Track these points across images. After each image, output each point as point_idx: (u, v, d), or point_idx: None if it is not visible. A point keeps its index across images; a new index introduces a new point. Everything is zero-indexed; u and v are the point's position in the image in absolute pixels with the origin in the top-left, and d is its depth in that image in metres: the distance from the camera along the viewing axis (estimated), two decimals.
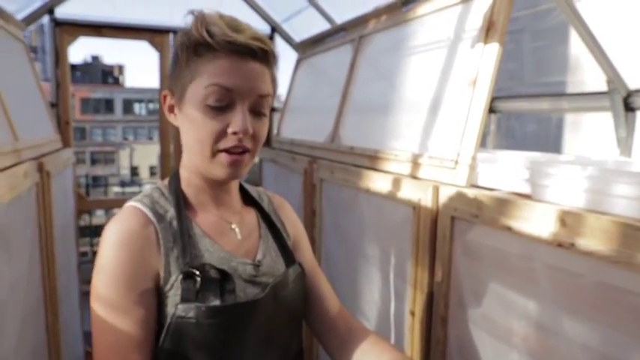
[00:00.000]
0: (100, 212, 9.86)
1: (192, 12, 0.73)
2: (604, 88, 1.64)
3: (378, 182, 1.45)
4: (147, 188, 0.80)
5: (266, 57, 0.74)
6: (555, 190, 0.95)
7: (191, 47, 0.72)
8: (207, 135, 0.72)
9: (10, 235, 1.28)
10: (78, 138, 29.46)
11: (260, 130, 0.75)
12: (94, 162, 29.52)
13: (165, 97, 0.79)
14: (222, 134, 0.72)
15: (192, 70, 0.73)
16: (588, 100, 1.75)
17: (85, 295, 2.70)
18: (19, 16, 2.47)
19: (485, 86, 1.20)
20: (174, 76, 0.76)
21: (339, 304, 0.92)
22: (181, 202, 0.77)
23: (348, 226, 1.68)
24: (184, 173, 0.80)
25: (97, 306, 0.69)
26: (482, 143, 2.14)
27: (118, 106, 32.48)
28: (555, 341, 0.90)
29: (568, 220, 0.85)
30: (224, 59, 0.71)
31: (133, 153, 29.71)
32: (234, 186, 0.85)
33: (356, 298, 1.61)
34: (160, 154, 2.98)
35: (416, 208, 1.24)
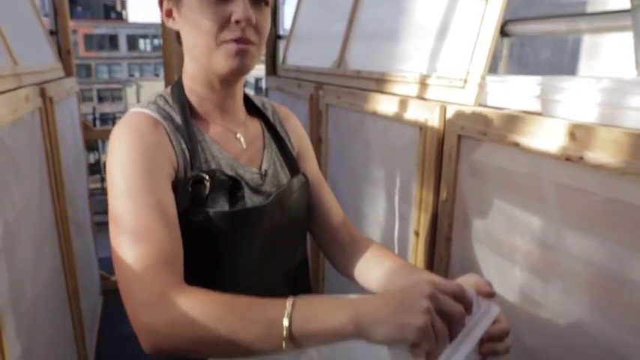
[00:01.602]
0: None
1: None
2: (627, 6, 1.55)
3: (384, 105, 1.42)
4: (149, 97, 0.78)
5: None
6: (567, 106, 0.92)
7: None
8: (210, 24, 0.69)
9: (16, 158, 1.28)
10: (84, 75, 29.13)
11: (263, 21, 0.73)
12: (100, 99, 29.38)
13: (161, 1, 0.76)
14: (224, 24, 0.70)
15: None
16: (608, 19, 1.66)
17: (98, 226, 2.77)
18: None
19: (497, 1, 1.13)
20: None
21: (343, 215, 0.92)
22: (187, 109, 0.75)
23: (353, 152, 1.67)
24: (187, 82, 0.78)
25: (114, 227, 0.64)
26: (494, 69, 2.07)
27: (123, 43, 31.83)
28: (557, 257, 0.90)
29: (578, 133, 0.83)
30: None
31: (139, 90, 29.45)
32: (239, 93, 0.83)
33: (361, 223, 1.63)
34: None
35: (422, 128, 1.22)
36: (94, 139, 2.70)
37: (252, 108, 0.88)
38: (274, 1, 0.76)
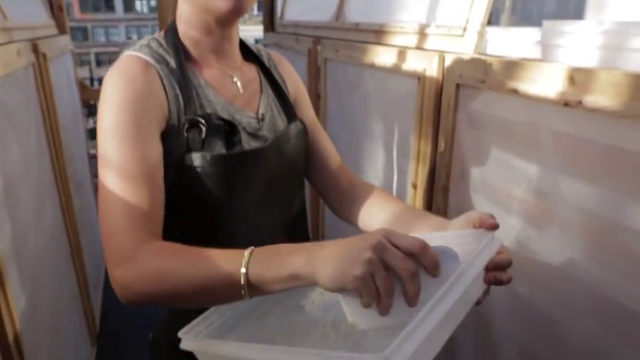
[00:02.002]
0: None
1: None
2: None
3: (382, 56, 1.39)
4: (142, 40, 0.76)
5: None
6: (568, 50, 0.90)
7: None
8: None
9: (11, 113, 1.28)
10: (80, 39, 28.62)
11: None
12: (98, 63, 28.96)
13: None
14: None
15: None
16: None
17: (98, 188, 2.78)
18: None
19: None
20: None
21: (340, 161, 0.92)
22: (181, 53, 0.74)
23: (353, 106, 1.65)
24: (181, 25, 0.76)
25: (102, 168, 0.65)
26: (496, 22, 2.02)
27: (119, 4, 31.10)
28: (553, 205, 0.90)
29: (577, 77, 0.81)
30: None
31: None
32: (235, 36, 0.81)
33: (360, 176, 1.63)
34: None
35: (421, 79, 1.20)
36: (93, 100, 2.67)
37: (248, 53, 0.86)
38: None
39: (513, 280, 0.98)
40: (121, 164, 0.64)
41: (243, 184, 0.73)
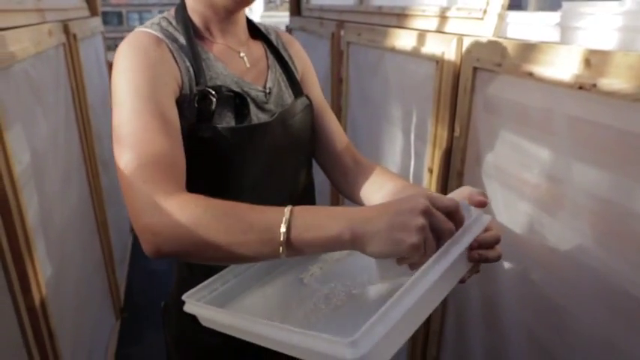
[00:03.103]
0: None
1: None
2: None
3: (403, 40, 1.38)
4: (153, 19, 0.78)
5: None
6: (586, 33, 0.88)
7: None
8: None
9: (41, 90, 1.33)
10: (115, 23, 29.16)
11: None
12: None
13: None
14: None
15: None
16: None
17: None
18: None
19: None
20: None
21: (347, 141, 0.93)
22: (190, 30, 0.76)
23: (372, 89, 1.65)
24: (190, 3, 0.78)
25: (117, 144, 0.63)
26: (524, 6, 1.97)
27: None
28: (565, 190, 0.89)
29: (593, 59, 0.80)
30: None
31: None
32: (242, 18, 0.83)
33: (378, 160, 1.63)
34: None
35: (439, 62, 1.19)
36: None
37: (255, 31, 0.88)
38: None
39: (524, 265, 0.98)
40: (139, 122, 0.62)
41: (250, 156, 0.75)
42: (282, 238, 0.54)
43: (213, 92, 0.71)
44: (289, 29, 2.71)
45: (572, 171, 0.88)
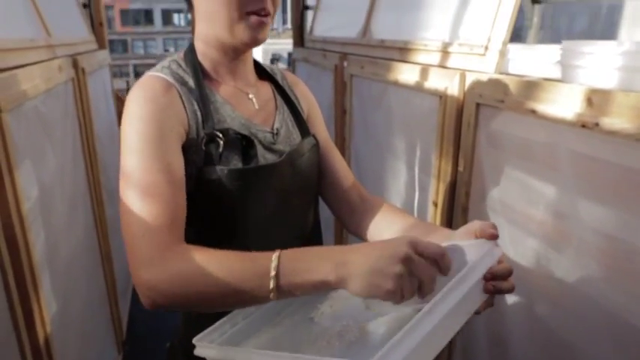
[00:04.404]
0: None
1: None
2: None
3: (406, 74, 1.41)
4: (163, 62, 0.81)
5: None
6: (587, 71, 0.90)
7: None
8: None
9: (51, 125, 1.35)
10: (121, 51, 29.70)
11: None
12: (137, 74, 29.87)
13: None
14: None
15: None
16: None
17: None
18: None
19: None
20: None
21: (352, 178, 0.94)
22: (199, 72, 0.78)
23: (376, 122, 1.67)
24: (200, 45, 0.80)
25: (124, 183, 0.66)
26: (524, 38, 2.01)
27: (158, 17, 32.14)
28: (571, 226, 0.90)
29: (595, 98, 0.81)
30: None
31: None
32: (250, 58, 0.85)
33: (382, 193, 1.64)
34: None
35: (442, 97, 1.21)
36: None
37: (262, 72, 0.90)
38: None
39: (531, 300, 0.98)
40: (146, 173, 0.65)
41: (258, 198, 0.76)
42: (271, 286, 0.57)
43: (221, 135, 0.73)
44: (292, 60, 2.76)
45: (577, 207, 0.88)
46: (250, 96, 0.83)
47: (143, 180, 0.65)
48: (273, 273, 0.57)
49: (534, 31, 1.94)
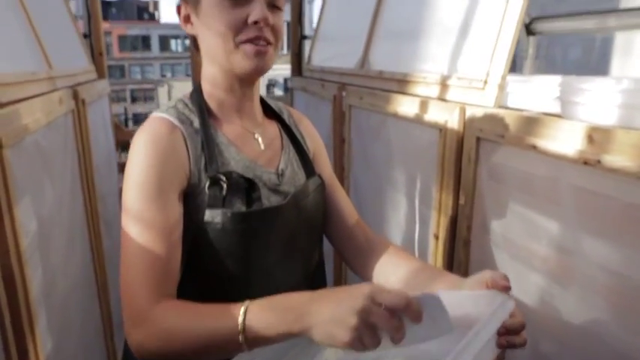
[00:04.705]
0: None
1: None
2: None
3: (405, 106, 1.42)
4: (169, 102, 0.81)
5: None
6: (586, 108, 0.91)
7: None
8: (229, 25, 0.73)
9: (50, 158, 1.34)
10: (118, 76, 29.95)
11: (279, 22, 0.76)
12: (133, 99, 30.10)
13: (179, 8, 0.79)
14: (242, 25, 0.73)
15: None
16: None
17: None
18: None
19: (518, 0, 1.12)
20: None
21: (357, 217, 0.93)
22: (205, 113, 0.78)
23: (375, 153, 1.67)
24: (206, 85, 0.81)
25: (125, 218, 0.71)
26: (519, 69, 2.03)
27: (155, 43, 32.55)
28: (575, 262, 0.89)
29: (596, 136, 0.82)
30: None
31: (171, 90, 30.04)
32: (256, 95, 0.85)
33: (382, 224, 1.63)
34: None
35: (442, 130, 1.22)
36: (126, 140, 2.80)
37: (268, 110, 0.90)
38: (299, 2, 0.79)
39: (535, 338, 0.96)
40: (143, 222, 0.69)
41: (263, 241, 0.75)
42: (241, 340, 0.61)
43: (224, 178, 0.73)
44: (290, 89, 2.79)
45: (581, 243, 0.88)
46: (256, 136, 0.83)
47: (140, 230, 0.69)
48: (240, 328, 0.60)
49: (530, 61, 1.97)
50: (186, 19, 0.78)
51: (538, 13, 1.91)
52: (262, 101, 0.89)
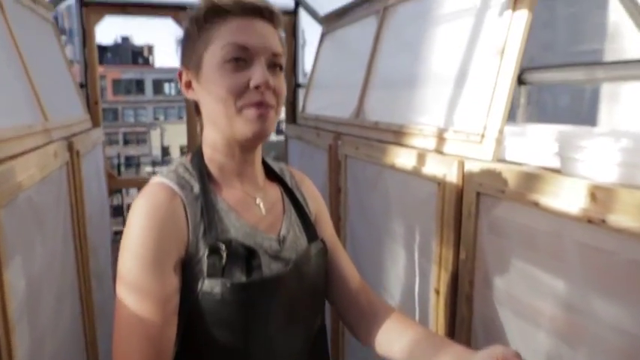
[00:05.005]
0: (133, 191, 10.15)
1: None
2: None
3: (402, 158, 1.42)
4: (170, 165, 0.80)
5: (273, 17, 0.76)
6: (587, 164, 0.91)
7: (201, 18, 0.74)
8: (230, 90, 0.72)
9: (43, 215, 1.32)
10: (111, 119, 30.15)
11: (280, 85, 0.76)
12: (126, 142, 30.19)
13: (180, 74, 0.79)
14: (244, 89, 0.72)
15: (206, 38, 0.74)
16: (627, 68, 1.66)
17: None
18: None
19: (513, 56, 1.15)
20: (187, 51, 0.77)
21: (360, 280, 0.91)
22: (206, 177, 0.77)
23: (372, 204, 1.66)
24: (207, 150, 0.80)
25: (120, 286, 0.69)
26: (512, 117, 2.06)
27: (149, 87, 33.01)
28: (583, 321, 0.87)
29: (599, 194, 0.81)
30: (235, 20, 0.73)
31: (163, 133, 30.25)
32: (258, 158, 0.84)
33: (380, 276, 1.61)
34: (188, 132, 3.00)
35: (441, 184, 1.21)
36: (119, 189, 2.79)
37: (270, 173, 0.89)
38: (293, 51, 0.80)
39: None
40: (138, 292, 0.67)
41: (263, 311, 0.73)
42: None
43: (223, 247, 0.71)
44: (285, 136, 2.80)
45: (589, 302, 0.86)
46: (257, 200, 0.82)
47: (135, 301, 0.67)
48: None
49: (522, 109, 2.00)
50: (188, 85, 0.78)
51: (527, 64, 1.96)
52: (264, 163, 0.89)
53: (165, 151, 29.97)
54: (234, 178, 0.80)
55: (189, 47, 0.76)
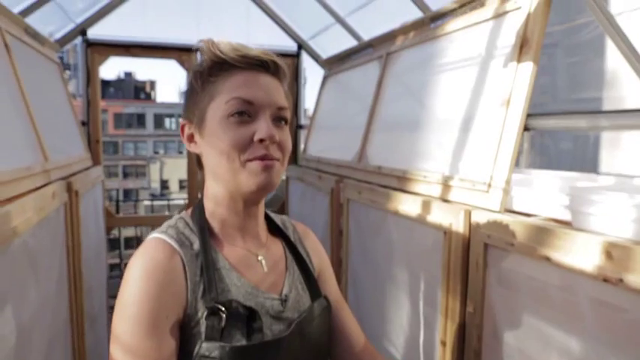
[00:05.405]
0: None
1: (201, 40, 0.74)
2: None
3: (406, 204, 1.40)
4: (171, 220, 0.77)
5: (278, 71, 0.75)
6: (599, 219, 0.89)
7: (205, 72, 0.73)
8: (234, 144, 0.70)
9: (38, 258, 1.28)
10: (111, 152, 30.28)
11: (285, 139, 0.74)
12: (125, 175, 30.20)
13: (183, 127, 0.77)
14: (248, 143, 0.70)
15: (210, 92, 0.73)
16: (629, 117, 1.66)
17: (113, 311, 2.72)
18: (56, 36, 2.55)
19: (519, 106, 1.15)
20: (191, 104, 0.75)
21: (364, 338, 0.87)
22: (207, 234, 0.74)
23: (375, 249, 1.63)
24: (209, 204, 0.77)
25: (115, 348, 0.66)
26: (515, 162, 2.06)
27: (150, 121, 33.30)
28: None
29: (614, 252, 0.79)
30: (239, 74, 0.72)
31: (163, 167, 30.31)
32: (261, 212, 0.81)
33: (384, 325, 1.56)
34: (188, 168, 2.99)
35: (447, 233, 1.19)
36: (116, 226, 2.75)
37: (273, 227, 0.86)
38: (295, 93, 0.78)
39: None
40: (132, 357, 0.64)
41: None
42: None
43: (223, 308, 0.68)
44: (287, 178, 2.79)
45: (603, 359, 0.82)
46: (259, 258, 0.79)
47: None
48: None
49: (525, 155, 2.00)
50: (190, 138, 0.77)
51: (530, 110, 1.97)
52: (266, 217, 0.86)
53: (164, 184, 29.96)
54: (236, 234, 0.78)
55: (193, 100, 0.74)
